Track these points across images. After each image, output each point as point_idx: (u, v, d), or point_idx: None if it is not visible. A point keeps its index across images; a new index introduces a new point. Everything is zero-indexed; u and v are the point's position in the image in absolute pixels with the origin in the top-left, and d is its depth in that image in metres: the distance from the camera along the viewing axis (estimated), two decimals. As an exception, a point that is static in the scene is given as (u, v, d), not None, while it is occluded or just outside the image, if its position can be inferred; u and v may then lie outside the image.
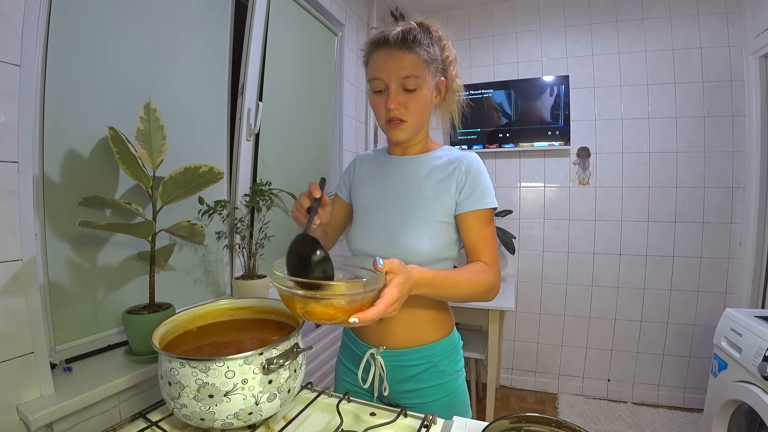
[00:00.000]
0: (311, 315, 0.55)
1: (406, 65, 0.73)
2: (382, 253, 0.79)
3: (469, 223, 0.80)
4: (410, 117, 0.77)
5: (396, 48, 0.74)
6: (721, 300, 2.15)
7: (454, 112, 0.87)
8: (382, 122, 0.80)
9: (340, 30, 1.99)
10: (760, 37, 1.89)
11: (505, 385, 2.57)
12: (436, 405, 0.81)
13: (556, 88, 2.28)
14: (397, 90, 0.75)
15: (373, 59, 0.77)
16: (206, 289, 1.30)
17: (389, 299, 0.55)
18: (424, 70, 0.75)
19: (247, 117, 1.42)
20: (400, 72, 0.74)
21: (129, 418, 0.64)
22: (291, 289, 0.54)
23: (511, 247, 2.25)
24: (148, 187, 0.90)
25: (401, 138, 0.81)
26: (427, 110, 0.80)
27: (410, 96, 0.76)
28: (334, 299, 0.53)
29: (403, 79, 0.74)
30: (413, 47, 0.73)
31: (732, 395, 1.38)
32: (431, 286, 0.66)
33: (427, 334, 0.82)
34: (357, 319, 0.53)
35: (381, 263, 0.56)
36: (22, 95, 0.69)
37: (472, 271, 0.75)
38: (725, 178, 2.11)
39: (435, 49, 0.78)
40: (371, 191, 0.88)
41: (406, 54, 0.73)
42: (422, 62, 0.74)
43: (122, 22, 0.96)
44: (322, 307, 0.54)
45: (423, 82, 0.75)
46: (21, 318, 0.69)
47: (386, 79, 0.75)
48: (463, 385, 0.86)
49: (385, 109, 0.77)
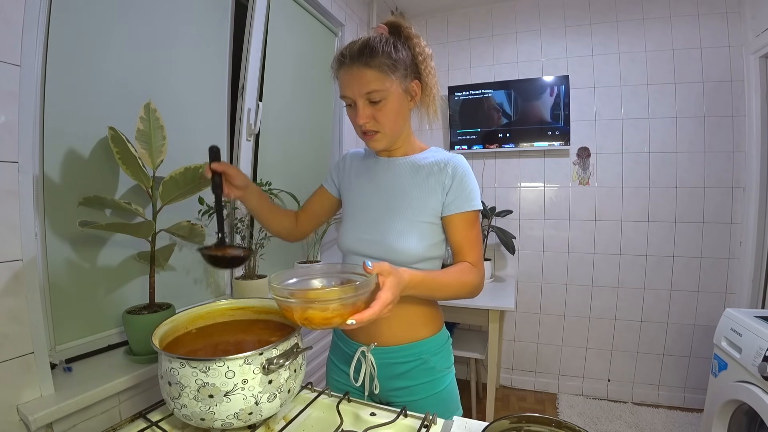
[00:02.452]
0: (310, 321, 0.57)
1: (366, 81, 0.74)
2: (371, 252, 0.81)
3: (456, 225, 0.81)
4: (382, 127, 0.78)
5: (355, 65, 0.74)
6: (721, 300, 2.15)
7: (433, 111, 0.86)
8: (359, 134, 0.82)
9: (340, 30, 1.99)
10: (760, 37, 1.89)
11: (505, 385, 2.57)
12: (427, 402, 0.81)
13: (556, 88, 2.27)
14: (364, 105, 0.76)
15: (339, 78, 0.79)
16: (206, 289, 1.30)
17: (384, 301, 0.58)
18: (386, 80, 0.74)
19: (247, 117, 1.42)
20: (362, 89, 0.74)
21: (129, 418, 0.64)
22: (287, 299, 0.57)
23: (511, 247, 2.25)
24: (148, 187, 0.90)
25: (378, 147, 0.82)
26: (400, 117, 0.80)
27: (378, 108, 0.76)
28: (329, 304, 0.56)
29: (367, 95, 0.75)
30: (371, 61, 0.73)
31: (732, 395, 1.38)
32: (421, 287, 0.70)
33: (417, 330, 0.83)
34: (354, 321, 0.56)
35: (370, 265, 0.59)
36: (22, 95, 0.69)
37: (459, 272, 0.78)
38: (725, 178, 2.11)
39: (402, 53, 0.76)
40: (361, 192, 0.89)
41: (364, 70, 0.73)
42: (383, 74, 0.74)
43: (122, 22, 0.96)
44: (319, 312, 0.56)
45: (388, 92, 0.75)
46: (21, 318, 0.69)
47: (351, 96, 0.76)
48: (453, 382, 0.87)
49: (357, 124, 0.79)
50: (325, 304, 0.56)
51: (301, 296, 0.57)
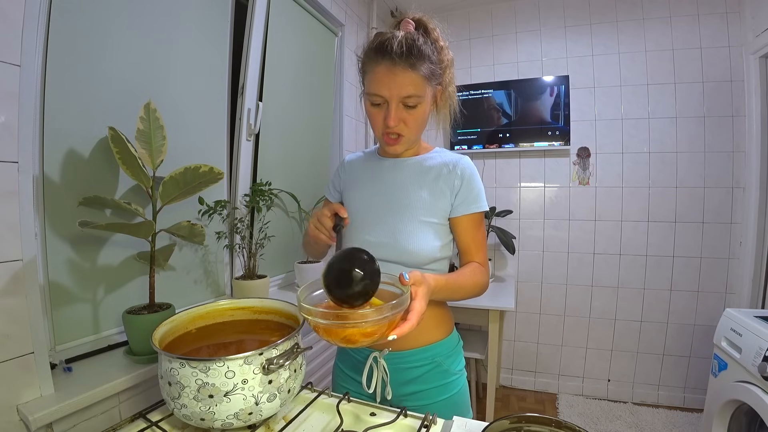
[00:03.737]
0: (349, 340, 0.56)
1: (408, 84, 0.70)
2: (380, 254, 0.80)
3: (464, 226, 0.82)
4: (408, 132, 0.76)
5: (399, 64, 0.69)
6: (721, 300, 2.15)
7: (446, 116, 0.85)
8: (379, 134, 0.79)
9: (340, 30, 1.99)
10: (760, 37, 1.89)
11: (505, 385, 2.57)
12: (439, 406, 0.80)
13: (556, 88, 2.28)
14: (397, 107, 0.73)
15: (374, 72, 0.72)
16: (206, 289, 1.30)
17: (419, 311, 0.58)
18: (426, 87, 0.73)
19: (247, 117, 1.42)
20: (402, 91, 0.71)
21: (129, 418, 0.64)
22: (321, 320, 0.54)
23: (511, 247, 2.25)
24: (148, 187, 0.90)
25: (399, 151, 0.81)
26: (425, 123, 0.79)
27: (410, 112, 0.74)
28: (367, 325, 0.54)
29: (405, 98, 0.72)
30: (417, 64, 0.70)
31: (732, 395, 1.38)
32: (444, 291, 0.71)
33: (429, 333, 0.82)
34: (396, 336, 0.56)
35: (407, 277, 0.59)
36: (22, 95, 0.69)
37: (471, 273, 0.79)
38: (725, 178, 2.11)
39: (434, 57, 0.74)
40: (364, 194, 0.88)
41: (409, 72, 0.70)
42: (425, 80, 0.72)
43: (122, 22, 0.96)
44: (358, 332, 0.55)
45: (423, 99, 0.74)
46: (21, 318, 0.69)
47: (387, 96, 0.72)
48: (465, 386, 0.86)
49: (383, 124, 0.75)
50: (365, 325, 0.54)
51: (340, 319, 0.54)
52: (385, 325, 0.56)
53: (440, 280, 0.69)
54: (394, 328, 0.56)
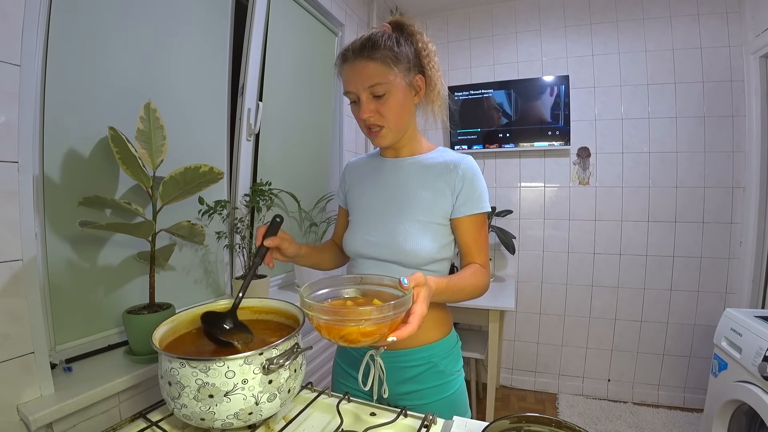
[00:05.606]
0: (348, 340, 0.56)
1: (369, 74, 0.74)
2: (380, 255, 0.81)
3: (465, 226, 0.81)
4: (386, 122, 0.78)
5: (358, 59, 0.74)
6: (721, 300, 2.15)
7: (439, 108, 0.84)
8: (364, 131, 0.82)
9: (340, 30, 1.99)
10: (760, 37, 1.89)
11: (505, 385, 2.57)
12: (437, 406, 0.80)
13: (556, 88, 2.28)
14: (367, 99, 0.76)
15: (342, 74, 0.79)
16: (206, 289, 1.30)
17: (420, 314, 0.58)
18: (389, 73, 0.74)
19: (247, 117, 1.42)
20: (365, 81, 0.74)
21: (129, 418, 0.64)
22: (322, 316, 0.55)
23: (511, 247, 2.25)
24: (148, 187, 0.90)
25: (384, 143, 0.82)
26: (405, 112, 0.79)
27: (381, 102, 0.76)
28: (369, 323, 0.54)
29: (370, 88, 0.74)
30: (373, 54, 0.73)
31: (732, 395, 1.38)
32: (445, 293, 0.71)
33: (427, 333, 0.82)
34: (395, 338, 0.56)
35: (406, 283, 0.59)
36: (22, 95, 0.69)
37: (472, 274, 0.78)
38: (725, 178, 2.11)
39: (405, 47, 0.76)
40: (366, 195, 0.88)
41: (367, 63, 0.74)
42: (386, 66, 0.74)
43: (122, 22, 0.96)
44: (358, 331, 0.55)
45: (391, 85, 0.75)
46: (21, 318, 0.69)
47: (355, 90, 0.76)
48: (463, 386, 0.86)
49: (361, 119, 0.78)
50: (366, 324, 0.54)
51: (340, 315, 0.55)
52: (386, 326, 0.55)
53: (441, 283, 0.68)
54: (395, 330, 0.56)
